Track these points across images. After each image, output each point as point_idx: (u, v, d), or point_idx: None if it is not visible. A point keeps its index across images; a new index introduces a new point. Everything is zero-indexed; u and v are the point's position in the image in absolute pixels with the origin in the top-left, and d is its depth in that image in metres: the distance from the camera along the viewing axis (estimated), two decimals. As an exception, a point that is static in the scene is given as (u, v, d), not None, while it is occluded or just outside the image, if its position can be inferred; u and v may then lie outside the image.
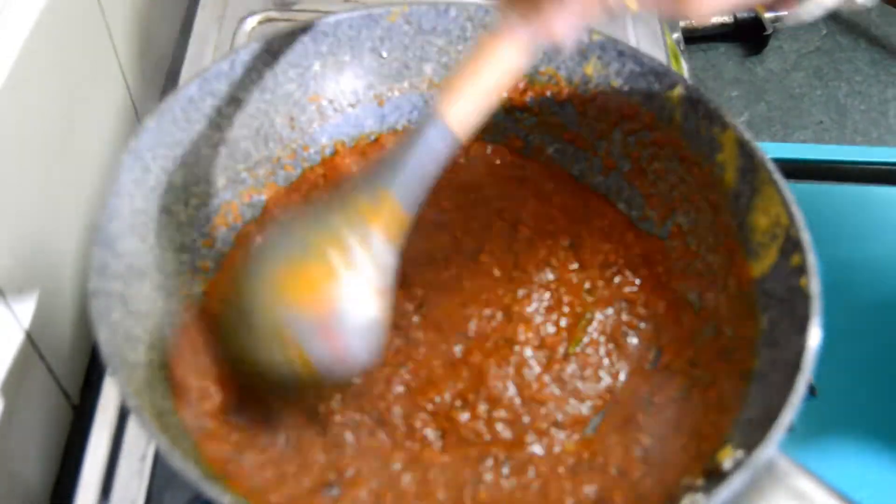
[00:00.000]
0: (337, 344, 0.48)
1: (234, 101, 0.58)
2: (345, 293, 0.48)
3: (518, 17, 0.46)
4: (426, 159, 0.48)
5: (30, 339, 0.57)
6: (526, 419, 0.53)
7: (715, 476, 0.45)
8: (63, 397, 0.63)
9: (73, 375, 0.65)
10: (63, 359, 0.63)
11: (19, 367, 0.56)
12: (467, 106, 0.47)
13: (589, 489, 0.50)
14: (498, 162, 0.65)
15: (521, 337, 0.56)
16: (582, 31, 0.46)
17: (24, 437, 0.58)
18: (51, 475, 0.62)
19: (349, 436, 0.52)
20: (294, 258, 0.49)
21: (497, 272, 0.59)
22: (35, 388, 0.59)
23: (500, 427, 0.53)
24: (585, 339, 0.57)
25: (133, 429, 0.58)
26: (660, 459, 0.50)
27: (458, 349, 0.56)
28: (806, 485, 0.43)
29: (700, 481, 0.46)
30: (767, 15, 1.16)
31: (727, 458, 0.45)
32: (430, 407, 0.53)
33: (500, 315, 0.57)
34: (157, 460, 0.57)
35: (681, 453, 0.50)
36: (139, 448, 0.57)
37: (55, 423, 0.63)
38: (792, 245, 0.50)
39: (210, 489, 0.41)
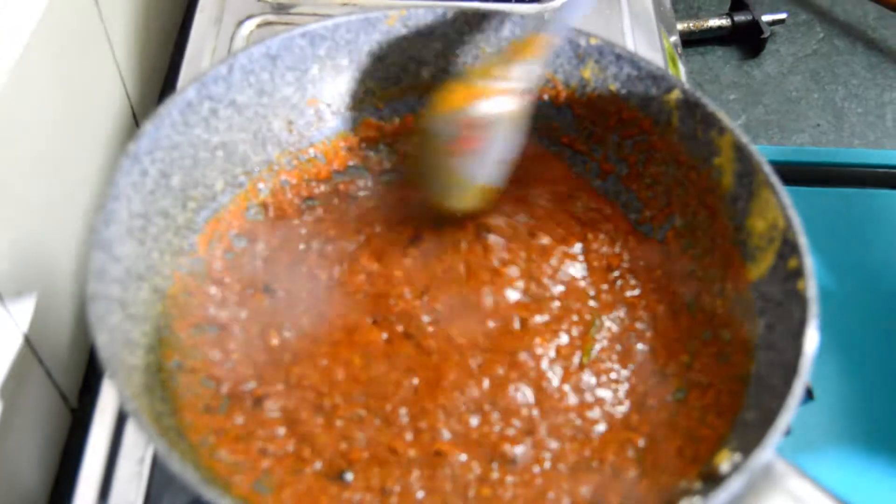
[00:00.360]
0: (482, 142, 0.57)
1: (232, 104, 0.58)
2: (487, 100, 0.57)
3: None
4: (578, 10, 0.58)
5: (28, 342, 0.57)
6: (543, 427, 0.53)
7: (712, 479, 0.45)
8: (61, 400, 0.63)
9: (71, 379, 0.65)
10: (61, 362, 0.63)
11: (18, 371, 0.56)
12: None
13: (585, 489, 0.50)
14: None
15: (539, 350, 0.56)
16: None
17: (23, 440, 0.58)
18: (49, 478, 0.62)
19: (356, 430, 0.52)
20: (462, 79, 0.58)
21: (520, 283, 0.59)
22: (33, 392, 0.59)
23: (511, 432, 0.53)
24: (597, 347, 0.57)
25: (131, 432, 0.58)
26: (656, 461, 0.50)
27: (474, 362, 0.55)
28: (803, 488, 0.43)
29: (697, 484, 0.46)
30: (765, 18, 1.16)
31: (724, 461, 0.45)
32: (440, 413, 0.53)
33: (516, 326, 0.57)
34: (156, 463, 0.57)
35: (677, 456, 0.50)
36: (137, 451, 0.57)
37: (53, 427, 0.63)
38: (789, 248, 0.50)
39: (209, 492, 0.41)
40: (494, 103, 0.57)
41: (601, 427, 0.53)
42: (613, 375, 0.55)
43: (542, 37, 0.57)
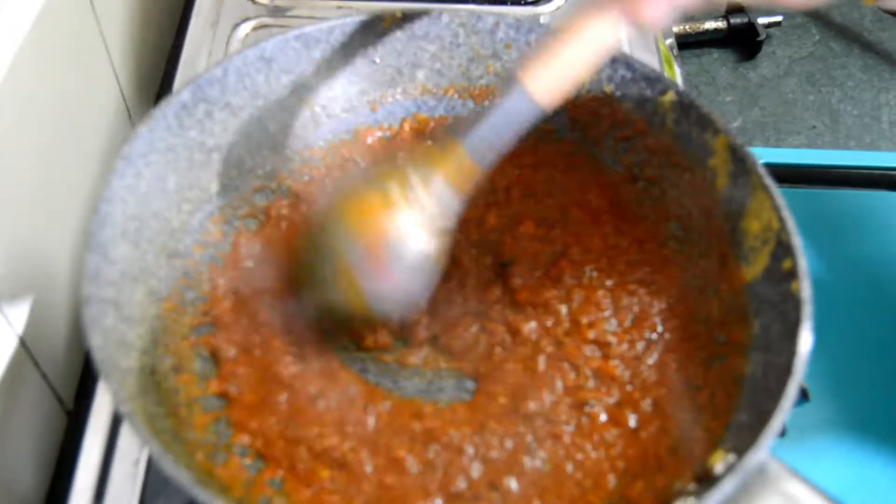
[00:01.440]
0: (387, 275, 0.51)
1: (228, 107, 0.58)
2: (400, 225, 0.51)
3: None
4: (503, 123, 0.50)
5: (23, 344, 0.57)
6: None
7: (707, 480, 0.45)
8: (57, 402, 0.63)
9: (66, 381, 0.65)
10: (57, 364, 0.63)
11: (13, 373, 0.56)
12: (551, 78, 0.49)
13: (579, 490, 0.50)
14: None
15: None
16: (673, 17, 0.47)
17: (18, 442, 0.58)
18: (44, 480, 0.62)
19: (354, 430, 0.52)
20: (358, 191, 0.53)
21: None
22: (29, 394, 0.59)
23: (509, 444, 0.53)
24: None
25: (126, 434, 0.58)
26: (651, 463, 0.50)
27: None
28: (797, 489, 0.43)
29: (692, 485, 0.46)
30: (761, 20, 1.17)
31: (719, 462, 0.45)
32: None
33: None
34: (151, 465, 0.57)
35: (672, 457, 0.50)
36: (132, 453, 0.57)
37: (49, 429, 0.63)
38: (783, 250, 0.51)
39: (203, 494, 0.41)
40: (411, 231, 0.51)
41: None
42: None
43: (468, 161, 0.51)
